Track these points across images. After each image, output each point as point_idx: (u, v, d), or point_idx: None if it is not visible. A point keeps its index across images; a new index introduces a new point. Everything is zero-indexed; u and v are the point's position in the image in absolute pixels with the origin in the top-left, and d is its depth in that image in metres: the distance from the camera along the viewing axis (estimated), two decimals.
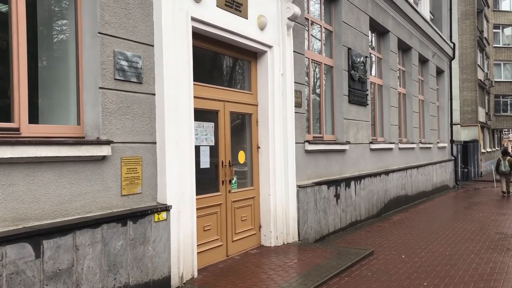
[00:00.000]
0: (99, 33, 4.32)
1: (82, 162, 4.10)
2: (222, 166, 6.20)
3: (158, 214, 4.70)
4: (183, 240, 5.07)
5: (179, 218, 5.01)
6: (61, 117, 4.39)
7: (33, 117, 4.05)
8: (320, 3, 9.15)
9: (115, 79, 4.46)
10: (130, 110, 4.62)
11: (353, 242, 7.81)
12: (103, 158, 4.30)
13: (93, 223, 4.02)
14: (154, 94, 4.90)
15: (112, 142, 4.33)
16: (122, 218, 4.31)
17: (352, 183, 9.37)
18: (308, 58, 8.51)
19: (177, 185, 5.00)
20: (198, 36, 5.74)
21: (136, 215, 4.46)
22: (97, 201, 4.24)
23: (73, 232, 3.85)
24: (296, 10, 7.09)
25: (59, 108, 4.41)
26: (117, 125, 4.47)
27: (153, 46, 4.91)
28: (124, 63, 4.54)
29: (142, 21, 4.79)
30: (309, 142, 7.86)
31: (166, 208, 4.79)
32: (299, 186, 7.36)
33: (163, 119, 4.88)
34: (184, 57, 5.25)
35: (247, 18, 6.42)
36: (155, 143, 4.90)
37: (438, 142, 16.97)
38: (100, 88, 4.31)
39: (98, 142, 4.18)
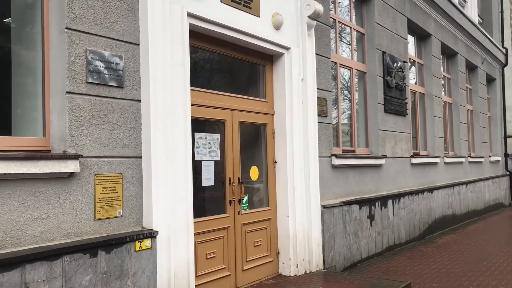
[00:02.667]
0: (67, 28, 3.68)
1: (40, 181, 3.43)
2: (230, 183, 5.42)
3: (140, 242, 3.96)
4: (175, 272, 4.30)
5: (169, 246, 4.24)
6: (24, 127, 3.76)
7: None
8: (350, 3, 8.29)
9: (88, 82, 3.79)
10: (108, 119, 3.94)
11: (389, 270, 6.78)
12: (71, 175, 3.62)
13: (51, 254, 3.32)
14: (139, 101, 4.20)
15: (81, 156, 3.64)
16: (91, 248, 3.59)
17: (390, 202, 8.33)
18: (336, 63, 7.65)
19: (166, 206, 4.25)
20: (198, 35, 5.04)
21: (110, 244, 3.73)
22: (61, 226, 3.55)
23: (21, 266, 3.16)
24: (318, 7, 6.28)
25: (22, 117, 3.79)
26: (90, 136, 3.79)
27: (138, 45, 4.23)
28: (99, 64, 3.88)
29: (124, 16, 4.13)
30: (336, 156, 6.96)
31: (151, 235, 4.04)
32: (324, 206, 6.46)
33: (150, 130, 4.17)
34: (178, 58, 4.55)
35: (259, 16, 5.66)
36: (141, 157, 4.19)
37: (490, 156, 15.47)
38: (67, 93, 3.65)
39: (62, 157, 3.50)
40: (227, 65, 5.82)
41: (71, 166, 3.55)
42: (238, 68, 6.01)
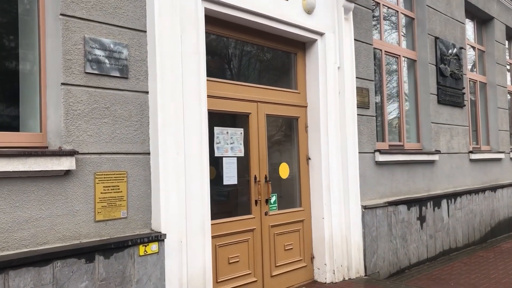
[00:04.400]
0: (62, 15, 3.40)
1: (31, 179, 3.17)
2: (255, 182, 4.99)
3: (145, 246, 3.62)
4: (188, 279, 3.94)
5: (181, 250, 3.89)
6: (21, 122, 3.53)
7: None
8: None
9: (86, 72, 3.50)
10: (110, 112, 3.63)
11: (440, 278, 6.07)
12: (66, 173, 3.35)
13: (39, 259, 3.05)
14: (146, 92, 3.87)
15: (77, 152, 3.36)
16: (86, 252, 3.29)
17: (444, 202, 7.55)
18: (381, 50, 7.00)
19: (178, 207, 3.89)
20: (217, 21, 4.66)
21: (109, 248, 3.42)
22: (56, 229, 3.29)
23: (4, 272, 2.90)
24: None
25: (19, 111, 3.56)
26: (89, 131, 3.50)
27: (145, 32, 3.90)
28: (100, 53, 3.58)
29: (129, 1, 3.81)
30: (380, 152, 6.33)
31: (158, 238, 3.69)
32: (365, 207, 5.87)
33: (158, 124, 3.82)
34: (192, 46, 4.17)
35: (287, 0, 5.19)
36: (149, 153, 3.86)
37: None
38: (62, 84, 3.38)
39: (55, 153, 3.23)
40: (251, 53, 5.39)
41: (65, 164, 3.27)
42: (265, 56, 5.56)
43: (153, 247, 3.67)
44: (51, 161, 3.21)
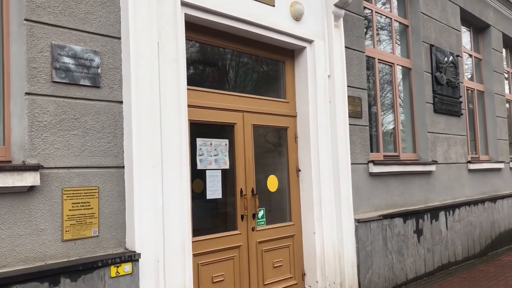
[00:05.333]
0: (26, 20, 3.19)
1: None
2: (241, 195, 4.74)
3: (117, 267, 3.37)
4: None
5: (158, 270, 3.63)
6: None
7: None
8: None
9: (53, 81, 3.29)
10: (80, 124, 3.41)
11: None
12: (30, 189, 3.11)
13: None
14: (120, 102, 3.65)
15: (42, 167, 3.12)
16: (50, 275, 3.04)
17: (442, 214, 7.29)
18: (374, 58, 6.80)
19: (154, 224, 3.65)
20: (199, 28, 4.46)
21: (77, 269, 3.16)
22: (18, 250, 3.04)
23: None
24: None
25: None
26: (57, 144, 3.27)
27: (119, 38, 3.69)
28: (68, 60, 3.36)
29: (101, 6, 3.60)
30: (374, 162, 6.09)
31: (131, 258, 3.44)
32: (358, 221, 5.62)
33: (133, 135, 3.59)
34: (171, 54, 3.96)
35: (273, 5, 4.99)
36: (123, 167, 3.62)
37: None
38: (27, 94, 3.16)
39: (16, 168, 2.99)
40: (238, 62, 5.18)
41: (28, 179, 3.04)
42: (252, 65, 5.34)
43: (126, 267, 3.42)
44: (12, 177, 2.97)
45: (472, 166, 8.41)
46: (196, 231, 4.30)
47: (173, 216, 3.83)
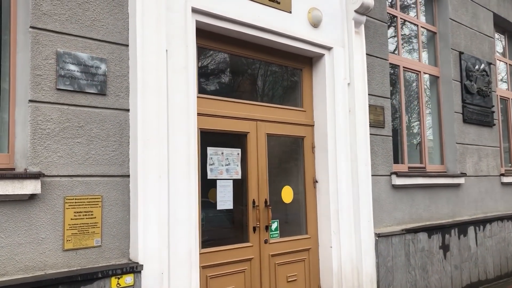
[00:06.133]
0: (32, 27, 3.19)
1: None
2: (254, 206, 4.61)
3: (118, 278, 3.30)
4: None
5: (162, 283, 3.54)
6: None
7: None
8: None
9: (58, 89, 3.26)
10: (85, 132, 3.37)
11: None
12: (31, 197, 3.08)
13: None
14: (127, 110, 3.60)
15: (43, 175, 3.09)
16: (48, 285, 2.99)
17: (471, 229, 6.94)
18: (398, 66, 6.57)
19: (159, 235, 3.56)
20: (211, 35, 4.39)
21: (75, 280, 3.10)
22: (17, 259, 3.01)
23: None
24: (366, 0, 5.33)
25: None
26: (60, 151, 3.24)
27: (127, 46, 3.65)
28: (74, 68, 3.34)
29: (109, 13, 3.57)
30: (397, 174, 5.85)
31: (133, 269, 3.36)
32: (378, 235, 5.39)
33: (139, 144, 3.53)
34: (180, 61, 3.90)
35: (290, 12, 4.88)
36: (128, 176, 3.56)
37: None
38: (30, 101, 3.14)
39: (17, 176, 2.97)
40: (253, 69, 5.07)
41: (29, 187, 3.01)
42: (267, 73, 5.23)
43: (128, 279, 3.34)
44: (13, 185, 2.95)
45: (505, 179, 8.02)
46: (205, 243, 4.20)
47: (180, 226, 3.74)
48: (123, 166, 3.54)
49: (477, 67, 7.64)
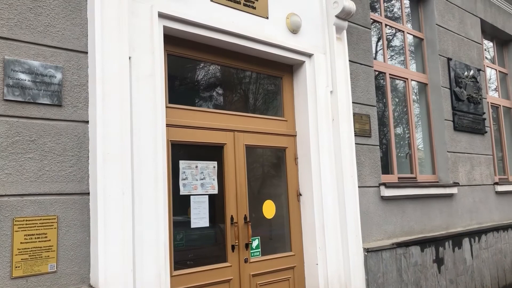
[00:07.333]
0: None
1: None
2: (232, 223, 4.31)
3: None
4: None
5: None
6: None
7: None
8: (401, 3, 6.98)
9: (6, 100, 2.98)
10: (37, 146, 3.08)
11: None
12: None
13: None
14: (86, 122, 3.31)
15: None
16: None
17: (466, 241, 6.65)
18: (384, 73, 6.34)
19: (122, 258, 3.25)
20: (184, 42, 4.14)
21: None
22: None
23: None
24: (347, 4, 5.10)
25: None
26: (8, 168, 2.94)
27: (86, 53, 3.37)
28: (24, 77, 3.06)
29: (65, 18, 3.31)
30: (386, 185, 5.58)
31: None
32: (367, 250, 5.09)
33: (99, 159, 3.24)
34: (146, 69, 3.63)
35: (267, 17, 4.64)
36: (88, 194, 3.26)
37: None
38: None
39: None
40: (229, 77, 4.80)
41: None
42: (244, 81, 4.97)
43: None
44: None
45: (500, 188, 7.76)
46: (178, 264, 3.88)
47: (147, 248, 3.43)
48: (82, 183, 3.24)
49: (466, 73, 7.43)
